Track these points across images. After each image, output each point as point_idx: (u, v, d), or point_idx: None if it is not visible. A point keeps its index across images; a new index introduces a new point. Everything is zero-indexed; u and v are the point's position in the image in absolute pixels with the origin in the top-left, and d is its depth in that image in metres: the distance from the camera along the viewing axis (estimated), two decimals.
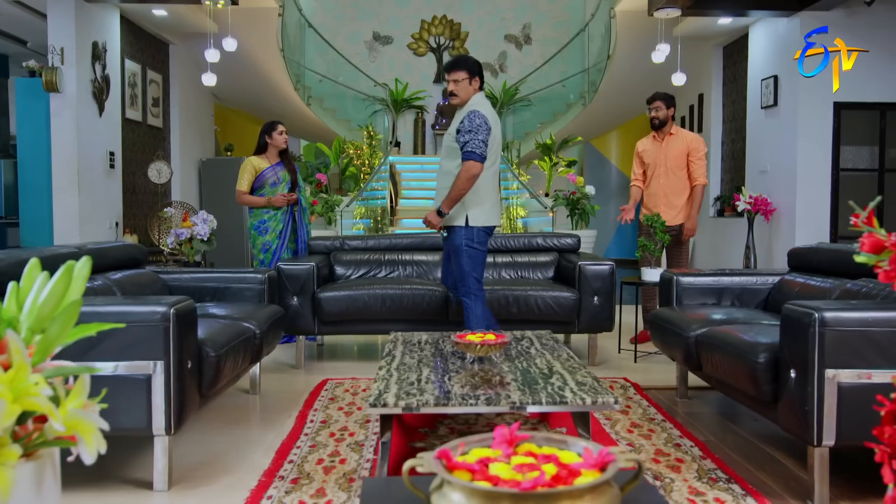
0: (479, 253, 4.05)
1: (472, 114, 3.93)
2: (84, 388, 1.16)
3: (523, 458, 1.31)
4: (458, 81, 3.99)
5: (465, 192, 3.93)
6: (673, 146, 5.24)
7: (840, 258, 3.47)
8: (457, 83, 4.00)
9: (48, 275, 1.14)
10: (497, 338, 2.99)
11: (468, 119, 3.92)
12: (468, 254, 4.01)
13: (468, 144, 3.89)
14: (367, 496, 1.38)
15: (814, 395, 2.42)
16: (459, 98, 4.02)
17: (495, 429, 1.38)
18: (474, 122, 3.90)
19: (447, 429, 3.35)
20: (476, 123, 3.91)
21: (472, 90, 4.03)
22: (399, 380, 2.66)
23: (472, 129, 3.89)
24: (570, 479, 1.23)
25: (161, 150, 9.38)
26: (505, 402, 2.40)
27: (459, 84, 4.00)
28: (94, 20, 7.41)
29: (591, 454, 1.29)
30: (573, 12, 12.74)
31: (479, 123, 3.91)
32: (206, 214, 4.99)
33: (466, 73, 4.00)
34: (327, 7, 12.61)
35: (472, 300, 4.02)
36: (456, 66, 4.01)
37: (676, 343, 3.37)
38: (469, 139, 3.88)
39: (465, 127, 3.91)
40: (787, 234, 7.59)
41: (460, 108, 4.06)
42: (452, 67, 4.02)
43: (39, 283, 1.14)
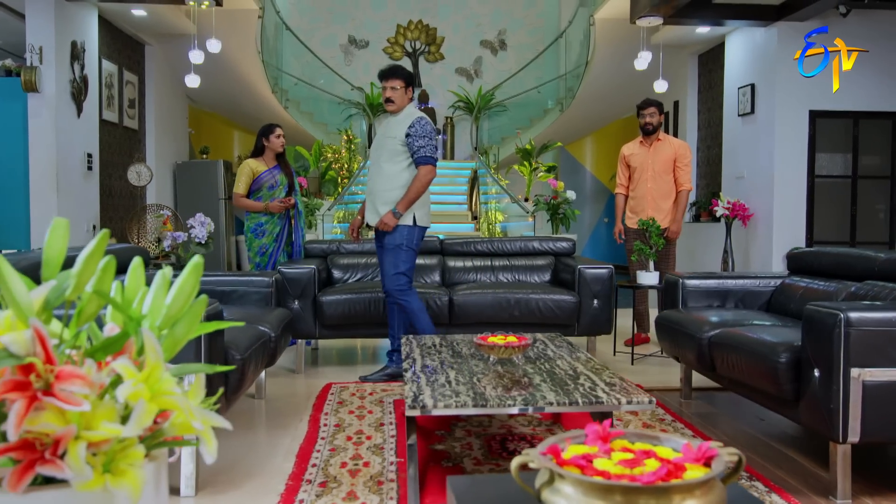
0: (415, 253, 4.24)
1: (420, 120, 4.14)
2: (202, 387, 1.15)
3: (623, 454, 1.34)
4: (395, 89, 4.18)
5: (422, 194, 4.14)
6: (661, 151, 5.34)
7: (843, 262, 3.57)
8: (394, 90, 4.18)
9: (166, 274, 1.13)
10: (519, 340, 3.02)
11: (418, 125, 4.12)
12: (407, 253, 4.17)
13: (424, 149, 4.10)
14: (464, 495, 1.38)
15: (839, 394, 2.49)
16: (395, 105, 4.19)
17: (586, 426, 1.40)
18: (426, 129, 4.14)
19: (463, 431, 3.36)
20: (428, 130, 4.15)
21: (407, 99, 4.24)
22: (429, 382, 2.67)
23: (425, 134, 4.12)
24: (677, 473, 1.25)
25: (137, 152, 9.22)
26: (543, 402, 2.42)
27: (397, 92, 4.18)
28: (73, 19, 7.27)
29: (690, 449, 1.32)
30: (548, 19, 12.88)
31: (430, 130, 4.16)
32: (203, 217, 4.92)
33: (402, 81, 4.19)
34: (302, 10, 12.54)
35: (410, 297, 4.17)
36: (394, 75, 4.19)
37: (688, 344, 3.43)
38: (424, 144, 4.10)
39: (416, 132, 4.10)
40: (764, 238, 7.77)
41: (394, 114, 4.20)
42: (391, 75, 4.19)
43: (159, 281, 1.13)
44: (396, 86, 4.15)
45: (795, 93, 7.56)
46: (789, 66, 7.55)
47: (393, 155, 4.15)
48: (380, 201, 4.16)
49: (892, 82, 7.46)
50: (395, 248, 4.17)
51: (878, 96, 7.53)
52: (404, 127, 4.13)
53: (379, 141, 4.24)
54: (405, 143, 4.11)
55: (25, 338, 0.98)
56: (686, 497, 1.20)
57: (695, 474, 1.25)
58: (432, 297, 4.60)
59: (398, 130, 4.14)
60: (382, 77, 4.18)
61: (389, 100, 4.17)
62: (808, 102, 7.58)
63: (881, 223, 7.76)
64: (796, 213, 7.64)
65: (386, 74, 4.18)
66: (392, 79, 4.16)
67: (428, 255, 5.28)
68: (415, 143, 4.09)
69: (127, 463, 1.04)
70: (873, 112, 7.60)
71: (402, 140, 4.12)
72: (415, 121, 4.12)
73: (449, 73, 12.87)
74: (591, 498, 1.20)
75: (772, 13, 7.49)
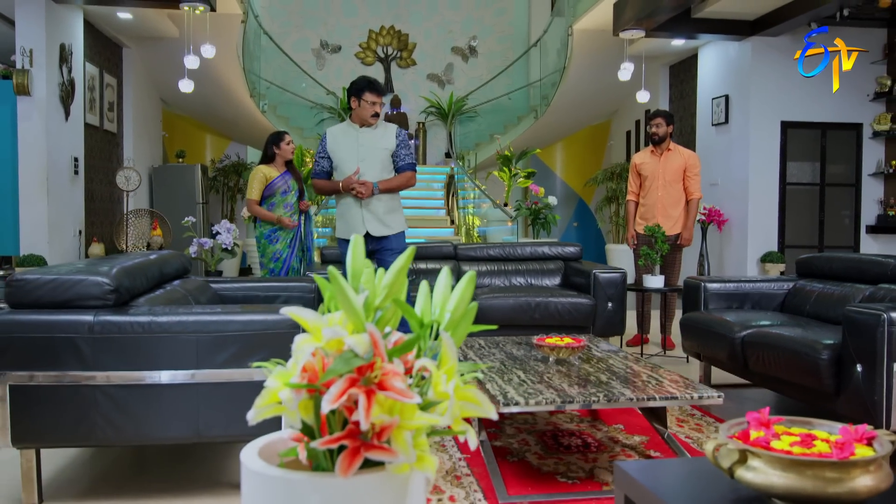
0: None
1: (401, 131, 4.44)
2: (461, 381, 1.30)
3: (790, 437, 1.53)
4: (383, 104, 4.44)
5: (400, 190, 4.40)
6: (672, 161, 5.59)
7: (855, 266, 3.87)
8: (382, 106, 4.42)
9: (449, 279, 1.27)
10: (576, 341, 3.21)
11: (402, 135, 4.43)
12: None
13: (410, 156, 4.40)
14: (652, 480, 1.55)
15: (883, 386, 2.75)
16: (379, 119, 4.38)
17: (747, 414, 1.59)
18: (407, 140, 4.47)
19: (513, 429, 3.52)
20: (408, 141, 4.50)
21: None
22: (506, 381, 2.83)
23: (408, 143, 4.45)
24: (849, 451, 1.45)
25: (116, 156, 9.11)
26: (624, 399, 2.61)
27: (383, 107, 4.48)
28: (61, 22, 7.18)
29: (849, 431, 1.52)
30: (518, 27, 13.17)
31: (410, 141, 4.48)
32: (228, 224, 4.96)
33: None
34: (274, 14, 12.53)
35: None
36: (385, 92, 4.49)
37: (719, 343, 3.68)
38: (409, 151, 4.41)
39: (402, 142, 4.40)
40: (738, 243, 8.16)
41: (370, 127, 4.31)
42: (384, 93, 4.50)
43: (444, 285, 1.27)
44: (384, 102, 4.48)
45: (768, 104, 7.98)
46: (762, 78, 7.96)
47: (385, 165, 4.32)
48: (383, 210, 4.28)
49: (856, 96, 7.93)
50: (400, 251, 4.31)
51: (844, 109, 7.99)
52: (392, 137, 4.33)
53: (367, 152, 4.28)
54: (397, 153, 4.34)
55: (365, 341, 1.11)
56: (863, 472, 1.40)
57: (865, 453, 1.45)
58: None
59: (387, 142, 4.32)
60: (381, 93, 4.34)
61: (377, 114, 4.31)
62: (779, 113, 8.01)
63: (846, 229, 8.23)
64: (769, 219, 8.06)
65: (382, 91, 4.40)
66: (382, 96, 4.40)
67: (443, 260, 5.44)
68: (401, 152, 4.33)
69: (420, 449, 1.19)
70: (839, 123, 8.07)
71: (392, 150, 4.32)
72: (398, 131, 4.39)
73: (420, 78, 13.03)
74: (786, 472, 1.39)
75: (746, 28, 7.89)
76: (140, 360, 2.48)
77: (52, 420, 2.47)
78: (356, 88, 4.26)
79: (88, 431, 2.49)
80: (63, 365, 2.45)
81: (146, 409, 2.50)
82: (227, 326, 2.53)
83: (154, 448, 3.22)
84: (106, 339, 2.47)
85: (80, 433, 2.50)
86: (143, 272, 2.92)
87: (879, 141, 8.09)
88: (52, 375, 2.44)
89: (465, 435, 1.23)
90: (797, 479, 1.38)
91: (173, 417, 2.52)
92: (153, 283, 3.13)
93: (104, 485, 2.87)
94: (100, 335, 2.47)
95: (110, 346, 2.47)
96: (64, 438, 2.53)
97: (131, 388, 2.48)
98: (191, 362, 2.50)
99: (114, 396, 2.47)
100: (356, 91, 4.25)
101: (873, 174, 8.10)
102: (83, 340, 2.46)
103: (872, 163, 8.12)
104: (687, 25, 7.87)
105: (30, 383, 2.44)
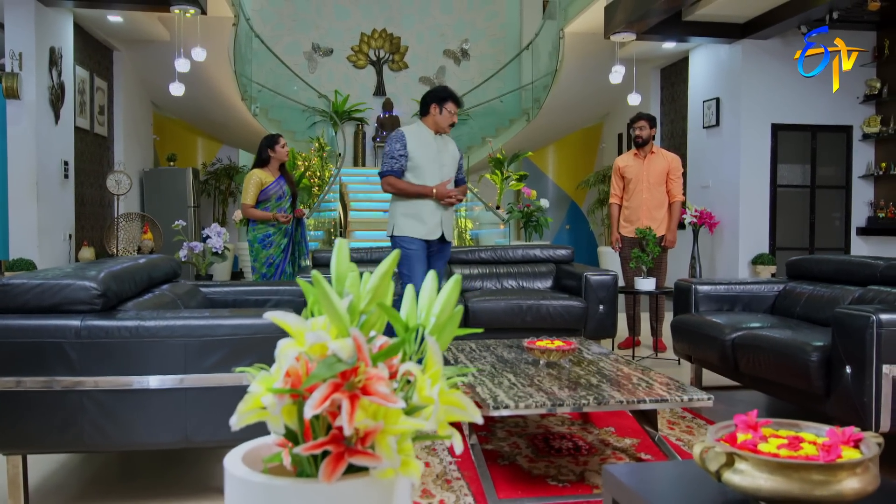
0: None
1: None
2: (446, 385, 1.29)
3: (778, 439, 1.53)
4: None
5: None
6: (655, 163, 5.61)
7: (844, 268, 3.88)
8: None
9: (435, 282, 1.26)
10: (567, 344, 3.20)
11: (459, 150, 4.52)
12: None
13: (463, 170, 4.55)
14: (639, 483, 1.55)
15: (872, 388, 2.75)
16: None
17: (735, 417, 1.59)
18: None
19: (504, 432, 3.52)
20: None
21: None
22: (496, 384, 2.83)
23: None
24: (836, 454, 1.45)
25: (107, 159, 9.08)
26: (614, 402, 2.61)
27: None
28: (51, 25, 7.16)
29: (837, 434, 1.52)
30: (510, 30, 13.18)
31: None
32: (219, 227, 4.94)
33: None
34: (266, 17, 12.52)
35: None
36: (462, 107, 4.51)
37: (710, 345, 3.68)
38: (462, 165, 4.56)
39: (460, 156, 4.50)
40: (730, 245, 8.18)
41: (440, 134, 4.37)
42: (462, 106, 4.51)
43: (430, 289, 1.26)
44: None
45: (759, 107, 8.01)
46: (753, 81, 7.99)
47: (454, 174, 4.41)
48: (448, 215, 4.40)
49: (846, 98, 7.97)
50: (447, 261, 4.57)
51: (834, 111, 8.03)
52: (456, 150, 4.45)
53: (445, 159, 4.35)
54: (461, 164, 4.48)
55: (349, 345, 1.11)
56: (850, 475, 1.40)
57: (852, 455, 1.45)
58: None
59: (455, 152, 4.44)
60: (461, 106, 4.40)
61: (454, 125, 4.37)
62: (770, 116, 8.05)
63: (837, 231, 8.26)
64: (760, 221, 8.09)
65: (462, 105, 4.46)
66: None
67: None
68: (461, 164, 4.46)
69: (404, 454, 1.18)
70: (829, 126, 8.11)
71: (458, 161, 4.45)
72: (456, 144, 4.50)
73: (412, 81, 13.03)
74: (772, 475, 1.39)
75: (737, 31, 7.93)
76: (128, 365, 2.47)
77: (39, 426, 2.45)
78: (440, 96, 4.28)
79: (76, 437, 2.47)
80: (50, 370, 2.43)
81: (134, 414, 2.48)
82: (216, 331, 2.52)
83: (142, 453, 3.20)
84: (93, 344, 2.45)
85: (67, 439, 2.48)
86: (132, 276, 2.90)
87: (869, 143, 8.13)
88: (39, 381, 2.42)
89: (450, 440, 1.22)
90: (784, 482, 1.38)
91: (161, 423, 2.50)
92: (142, 288, 3.11)
93: (92, 491, 2.85)
94: (87, 340, 2.45)
95: (98, 350, 2.45)
96: (51, 444, 2.51)
97: (119, 393, 2.46)
98: (179, 367, 2.49)
99: (101, 402, 2.45)
100: (439, 99, 4.27)
101: (863, 176, 8.14)
102: (70, 345, 2.44)
103: (862, 165, 8.16)
104: (677, 28, 7.90)
105: (16, 389, 2.42)
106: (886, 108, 7.94)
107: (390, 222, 4.33)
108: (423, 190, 4.24)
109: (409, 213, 4.28)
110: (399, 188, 4.26)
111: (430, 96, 4.33)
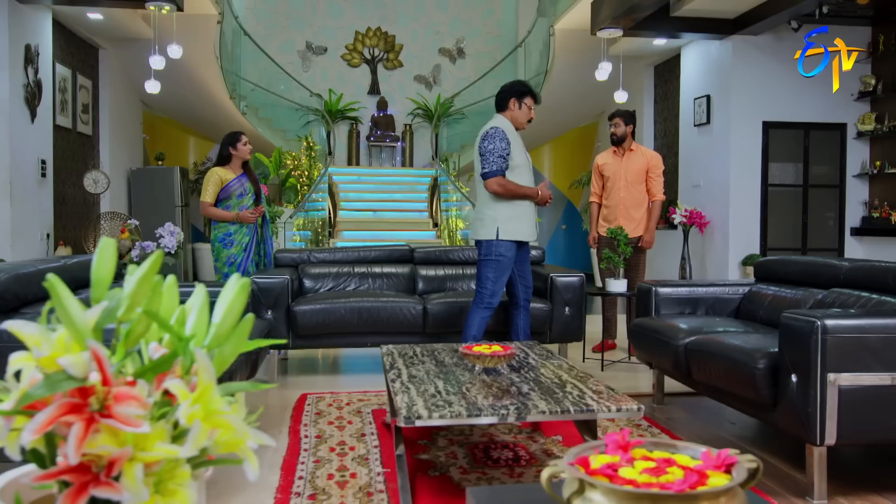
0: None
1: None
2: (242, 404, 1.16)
3: (645, 462, 1.38)
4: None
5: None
6: (633, 161, 5.45)
7: (809, 270, 3.71)
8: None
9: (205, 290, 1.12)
10: (504, 349, 3.05)
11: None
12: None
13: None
14: None
15: (816, 398, 2.59)
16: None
17: (606, 435, 1.44)
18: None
19: (445, 440, 3.37)
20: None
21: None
22: (420, 392, 2.68)
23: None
24: (702, 481, 1.30)
25: (91, 158, 9.01)
26: (535, 412, 2.45)
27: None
28: (26, 22, 7.07)
29: (710, 457, 1.37)
30: (506, 28, 13.02)
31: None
32: (172, 227, 4.83)
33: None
34: (260, 15, 12.43)
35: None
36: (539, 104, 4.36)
37: (664, 351, 3.51)
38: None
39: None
40: (720, 245, 7.98)
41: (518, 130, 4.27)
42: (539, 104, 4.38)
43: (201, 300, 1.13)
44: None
45: (750, 104, 7.80)
46: (744, 77, 7.79)
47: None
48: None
49: (840, 95, 7.74)
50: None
51: (828, 109, 7.82)
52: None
53: (528, 160, 4.28)
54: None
55: (84, 359, 0.97)
56: (711, 503, 1.25)
57: (718, 482, 1.29)
58: (407, 306, 4.61)
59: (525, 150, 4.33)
60: (539, 103, 4.29)
61: (531, 120, 4.27)
62: (761, 113, 7.84)
63: (830, 231, 8.04)
64: (751, 221, 7.88)
65: (540, 102, 4.33)
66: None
67: (400, 263, 5.29)
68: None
69: (175, 483, 1.04)
70: (823, 123, 7.89)
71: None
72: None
73: (407, 80, 12.90)
74: None
75: (727, 27, 7.73)
76: None
77: None
78: (519, 91, 4.16)
79: None
80: None
81: None
82: None
83: None
84: None
85: None
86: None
87: (864, 141, 7.91)
88: None
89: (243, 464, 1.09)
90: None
91: None
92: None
93: None
94: None
95: None
96: None
97: None
98: None
99: None
100: (519, 94, 4.15)
101: (857, 175, 7.92)
102: None
103: (857, 163, 7.94)
104: (666, 24, 7.71)
105: None
106: (881, 105, 7.72)
107: (491, 225, 4.09)
108: (531, 192, 4.09)
109: (515, 216, 4.10)
110: (510, 189, 4.05)
111: (509, 90, 4.18)
